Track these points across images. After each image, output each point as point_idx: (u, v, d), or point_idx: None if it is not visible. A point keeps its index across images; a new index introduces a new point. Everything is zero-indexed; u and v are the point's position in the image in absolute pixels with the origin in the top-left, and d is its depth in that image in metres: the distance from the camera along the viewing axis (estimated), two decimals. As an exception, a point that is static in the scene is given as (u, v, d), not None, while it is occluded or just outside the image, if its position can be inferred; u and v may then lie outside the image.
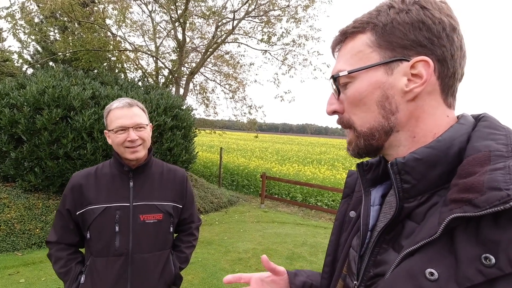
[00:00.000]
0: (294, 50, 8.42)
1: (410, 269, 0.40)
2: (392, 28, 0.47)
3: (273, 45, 8.34)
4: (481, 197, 0.36)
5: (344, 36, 0.53)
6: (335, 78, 0.52)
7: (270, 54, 8.70)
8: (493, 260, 0.34)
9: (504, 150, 0.41)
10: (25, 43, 8.75)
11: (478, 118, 0.50)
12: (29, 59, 9.78)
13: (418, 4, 0.47)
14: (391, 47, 0.48)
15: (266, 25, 8.07)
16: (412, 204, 0.46)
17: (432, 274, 0.37)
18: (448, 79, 0.48)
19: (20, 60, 9.21)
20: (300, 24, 7.95)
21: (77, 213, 1.23)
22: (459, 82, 0.49)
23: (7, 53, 8.85)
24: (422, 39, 0.46)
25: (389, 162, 0.47)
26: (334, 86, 0.53)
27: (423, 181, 0.46)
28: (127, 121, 1.19)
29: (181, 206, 1.38)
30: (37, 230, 4.30)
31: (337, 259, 0.65)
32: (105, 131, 1.26)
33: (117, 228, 1.21)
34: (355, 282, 0.54)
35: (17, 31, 6.36)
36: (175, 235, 1.44)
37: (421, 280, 0.38)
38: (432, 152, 0.45)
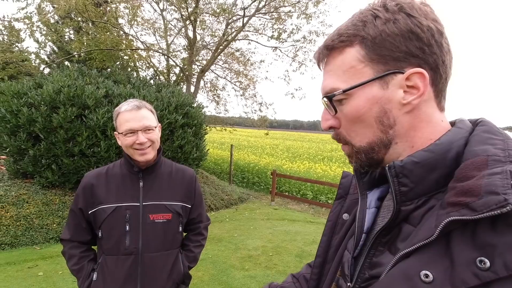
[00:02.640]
0: (304, 47, 8.35)
1: (405, 270, 0.40)
2: (382, 41, 0.46)
3: (283, 42, 8.28)
4: (478, 201, 0.36)
5: (331, 50, 0.51)
6: (331, 98, 0.51)
7: (280, 51, 8.65)
8: (488, 264, 0.34)
9: (502, 155, 0.41)
10: (42, 43, 9.03)
11: (475, 123, 0.50)
12: (46, 59, 10.07)
13: (404, 12, 0.46)
14: (383, 61, 0.47)
15: (277, 22, 8.01)
16: (410, 207, 0.46)
17: (427, 276, 0.38)
18: (441, 85, 0.48)
19: (38, 60, 9.51)
20: (311, 20, 7.87)
21: (89, 212, 1.26)
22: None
23: (25, 54, 9.15)
24: (413, 50, 0.46)
25: (387, 166, 0.48)
26: (330, 104, 0.52)
27: (420, 185, 0.46)
28: (136, 124, 1.21)
29: (189, 206, 1.39)
30: (54, 225, 4.45)
31: (327, 260, 0.65)
32: (115, 132, 1.29)
33: (127, 227, 1.24)
34: (348, 284, 0.54)
35: (33, 32, 6.55)
36: (184, 234, 1.46)
37: (416, 281, 0.38)
38: (430, 156, 0.46)
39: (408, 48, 0.45)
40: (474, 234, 0.37)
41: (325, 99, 0.52)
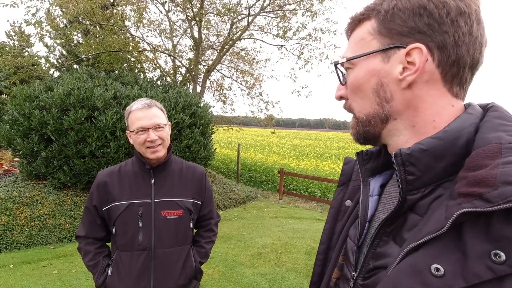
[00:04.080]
0: (310, 44, 8.32)
1: (414, 264, 0.39)
2: (392, 15, 0.46)
3: (288, 40, 8.27)
4: (493, 191, 0.35)
5: (353, 24, 0.53)
6: (336, 65, 0.54)
7: (286, 49, 8.63)
8: (503, 257, 0.33)
9: None
10: (51, 47, 9.20)
11: (486, 108, 0.48)
12: (55, 62, 10.26)
13: None
14: (390, 35, 0.47)
15: (282, 20, 8.00)
16: (416, 196, 0.45)
17: (438, 270, 0.36)
18: (450, 67, 0.45)
19: (47, 64, 9.69)
20: (316, 17, 7.82)
21: (103, 209, 1.30)
22: (470, 70, 0.46)
23: (35, 58, 9.33)
24: (421, 26, 0.44)
25: (393, 153, 0.46)
26: (338, 73, 0.54)
27: (428, 173, 0.44)
28: (147, 122, 1.23)
29: (200, 203, 1.42)
30: (67, 225, 4.55)
31: (331, 247, 0.65)
32: (126, 131, 1.32)
33: (140, 224, 1.26)
34: (353, 273, 0.53)
35: (43, 37, 6.68)
36: (195, 230, 1.49)
37: (426, 275, 0.37)
38: (439, 143, 0.44)
39: (416, 23, 0.45)
40: (488, 227, 0.35)
41: (338, 66, 0.55)
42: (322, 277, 0.66)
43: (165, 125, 1.30)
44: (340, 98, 0.56)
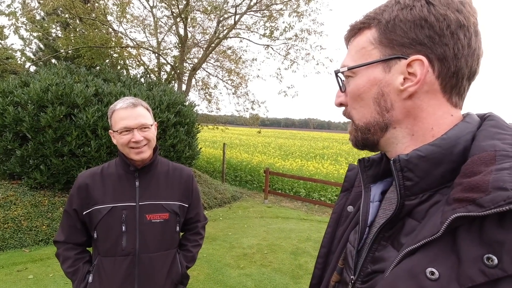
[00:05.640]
0: (296, 45, 8.35)
1: (410, 268, 0.40)
2: (393, 26, 0.47)
3: (275, 40, 8.27)
4: (486, 196, 0.36)
5: (353, 32, 0.53)
6: (337, 73, 0.55)
7: (272, 49, 8.64)
8: (496, 261, 0.34)
9: (510, 150, 0.40)
10: (27, 40, 8.76)
11: (483, 117, 0.50)
12: (32, 56, 9.78)
13: None
14: (391, 45, 0.48)
15: (268, 20, 7.99)
16: (414, 202, 0.46)
17: (433, 273, 0.37)
18: (449, 79, 0.47)
19: (23, 58, 9.22)
20: (302, 18, 7.87)
21: (84, 213, 1.23)
22: (468, 81, 0.48)
23: (10, 51, 8.86)
24: (422, 38, 0.45)
25: (392, 159, 0.47)
26: (338, 81, 0.55)
27: (426, 179, 0.45)
28: (131, 122, 1.18)
29: (187, 205, 1.37)
30: (44, 227, 4.35)
31: (332, 251, 0.66)
32: (109, 131, 1.26)
33: (123, 228, 1.21)
34: (352, 277, 0.54)
35: (18, 29, 6.35)
36: (181, 234, 1.44)
37: (422, 279, 0.38)
38: (437, 150, 0.45)
39: (417, 35, 0.45)
40: (481, 231, 0.36)
41: (339, 74, 0.56)
42: (321, 280, 0.67)
43: (151, 125, 1.25)
44: (340, 105, 0.56)
